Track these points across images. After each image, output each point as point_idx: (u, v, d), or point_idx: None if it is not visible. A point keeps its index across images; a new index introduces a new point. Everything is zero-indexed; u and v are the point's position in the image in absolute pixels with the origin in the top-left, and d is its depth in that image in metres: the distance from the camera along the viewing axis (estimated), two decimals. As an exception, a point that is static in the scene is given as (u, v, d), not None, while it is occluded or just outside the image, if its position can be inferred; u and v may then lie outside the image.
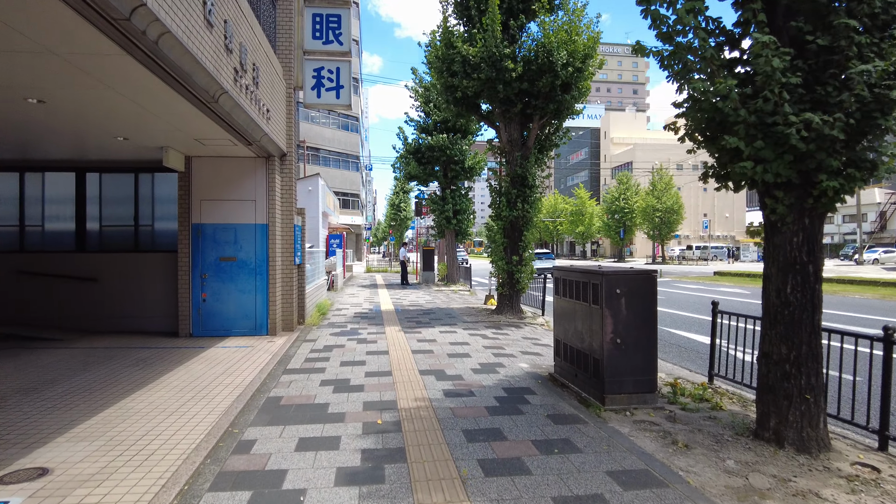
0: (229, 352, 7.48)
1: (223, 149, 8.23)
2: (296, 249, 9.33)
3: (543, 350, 7.98)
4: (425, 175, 20.36)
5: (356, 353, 7.43)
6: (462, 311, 12.47)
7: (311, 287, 11.54)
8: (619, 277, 4.94)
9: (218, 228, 8.78)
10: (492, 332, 9.43)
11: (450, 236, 20.92)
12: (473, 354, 7.38)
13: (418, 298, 15.83)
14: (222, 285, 8.76)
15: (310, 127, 46.20)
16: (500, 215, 11.13)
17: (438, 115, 19.63)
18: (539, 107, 10.76)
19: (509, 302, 11.43)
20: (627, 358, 4.96)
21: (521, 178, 11.08)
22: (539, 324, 10.81)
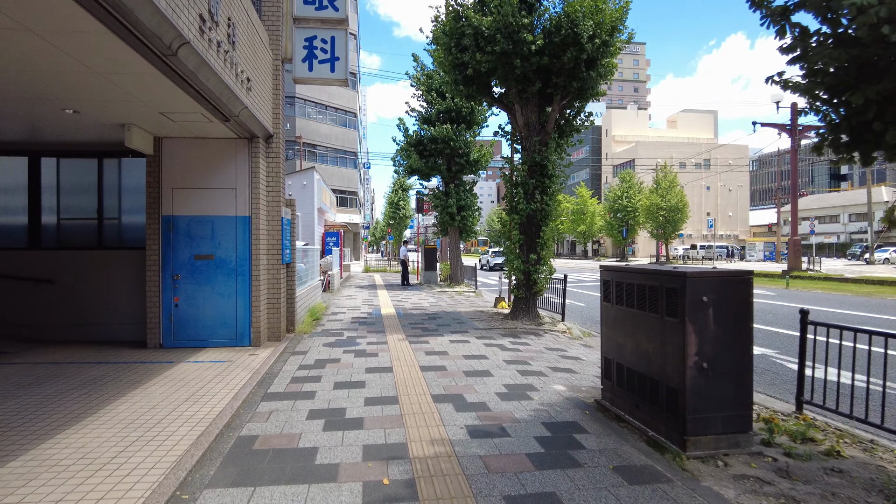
0: (202, 368, 6.22)
1: (197, 127, 6.97)
2: (284, 246, 8.08)
3: (575, 365, 6.74)
4: (427, 169, 19.10)
5: (353, 371, 6.17)
6: (471, 316, 11.22)
7: (304, 289, 10.29)
8: (707, 280, 3.71)
9: (192, 221, 7.52)
10: (510, 342, 8.19)
11: (453, 234, 19.68)
12: (495, 372, 6.13)
13: (421, 301, 14.58)
14: (197, 288, 7.50)
15: (306, 123, 44.95)
16: (516, 209, 9.89)
17: (442, 105, 18.38)
18: (560, 85, 9.52)
19: (525, 306, 10.19)
20: (716, 387, 3.73)
21: (539, 166, 9.84)
22: (560, 331, 9.58)
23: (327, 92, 46.89)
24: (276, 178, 8.02)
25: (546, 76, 9.57)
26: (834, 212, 66.22)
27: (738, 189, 75.51)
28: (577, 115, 10.57)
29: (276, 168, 8.03)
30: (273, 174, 8.00)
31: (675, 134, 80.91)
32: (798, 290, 18.44)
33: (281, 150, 8.18)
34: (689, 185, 64.51)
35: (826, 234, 63.38)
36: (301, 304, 9.57)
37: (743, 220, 76.24)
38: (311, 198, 19.40)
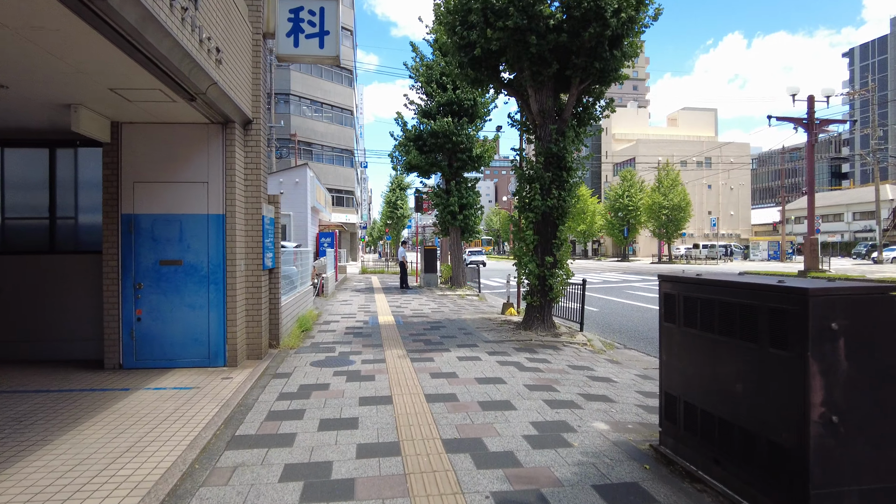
0: (162, 398, 5.12)
1: (161, 109, 5.88)
2: (265, 249, 6.98)
3: (609, 390, 5.67)
4: (427, 165, 18.02)
5: (345, 402, 5.08)
6: (478, 325, 10.14)
7: (292, 297, 9.20)
8: (838, 299, 2.63)
9: (158, 221, 6.41)
10: (527, 359, 7.12)
11: (455, 234, 18.60)
12: (517, 402, 5.05)
13: (422, 306, 13.49)
14: (164, 298, 6.40)
15: (302, 121, 43.88)
16: (531, 206, 8.80)
17: (442, 97, 17.30)
18: (580, 67, 8.44)
19: (540, 314, 9.11)
20: (850, 449, 2.65)
21: (556, 157, 8.76)
22: (579, 343, 8.51)
23: (322, 89, 45.82)
24: (255, 170, 6.92)
25: (564, 57, 8.49)
26: (838, 210, 65.39)
27: (739, 188, 74.64)
28: (596, 101, 9.49)
29: (255, 159, 6.93)
30: (252, 166, 6.91)
31: (675, 132, 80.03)
32: (820, 293, 17.38)
33: (262, 139, 7.08)
34: (690, 184, 63.57)
35: (830, 232, 62.49)
36: (287, 315, 8.47)
37: (745, 218, 75.36)
38: (303, 196, 18.31)
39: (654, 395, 5.60)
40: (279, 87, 41.87)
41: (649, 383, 6.22)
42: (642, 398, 5.47)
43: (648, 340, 9.58)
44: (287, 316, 8.42)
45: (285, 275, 9.21)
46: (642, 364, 7.65)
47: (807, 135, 21.04)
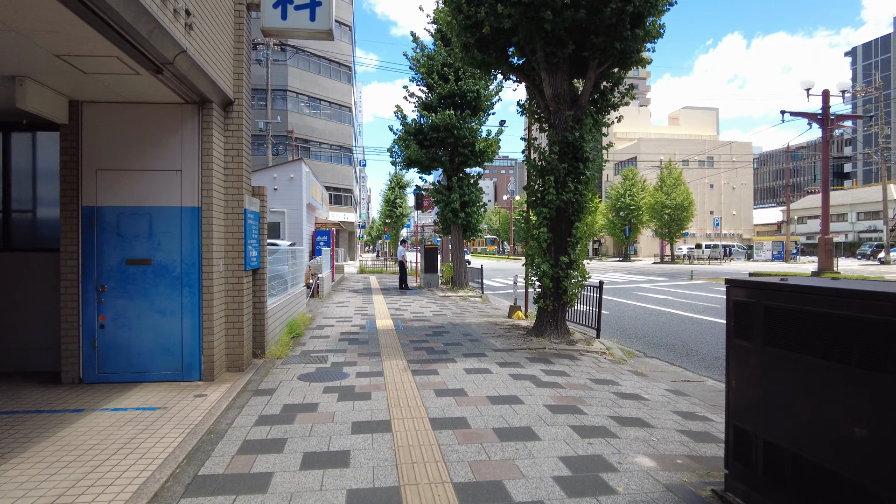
0: (118, 423, 4.32)
1: (125, 84, 5.08)
2: (247, 247, 6.18)
3: (643, 410, 4.89)
4: (428, 160, 17.22)
5: (334, 429, 4.27)
6: (485, 330, 9.35)
7: (281, 300, 8.40)
8: None
9: (124, 214, 5.61)
10: (543, 371, 6.33)
11: (456, 232, 17.80)
12: (541, 430, 4.25)
13: (423, 308, 12.70)
14: (130, 303, 5.59)
15: (300, 118, 43.10)
16: (544, 200, 8.01)
17: (444, 88, 16.50)
18: (599, 47, 7.65)
19: (553, 319, 8.31)
20: None
21: (572, 147, 7.97)
22: (597, 351, 7.72)
23: (321, 85, 45.03)
24: (237, 157, 6.12)
25: (581, 36, 7.70)
26: (841, 210, 64.69)
27: (741, 187, 73.92)
28: (614, 87, 8.70)
29: (237, 145, 6.13)
30: (233, 153, 6.10)
31: (677, 131, 79.36)
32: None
33: (245, 122, 6.27)
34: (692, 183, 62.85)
35: (834, 233, 61.73)
36: (275, 320, 7.66)
37: (747, 218, 74.66)
38: (298, 192, 17.50)
39: (695, 418, 4.82)
40: (277, 83, 41.05)
41: (684, 401, 5.44)
42: (682, 421, 4.69)
43: (669, 348, 8.81)
44: (275, 321, 7.62)
45: (275, 275, 8.41)
46: (668, 375, 6.87)
47: (821, 130, 20.28)
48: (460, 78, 16.57)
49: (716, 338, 9.64)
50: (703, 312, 12.92)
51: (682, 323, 11.44)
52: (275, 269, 8.43)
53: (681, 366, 7.62)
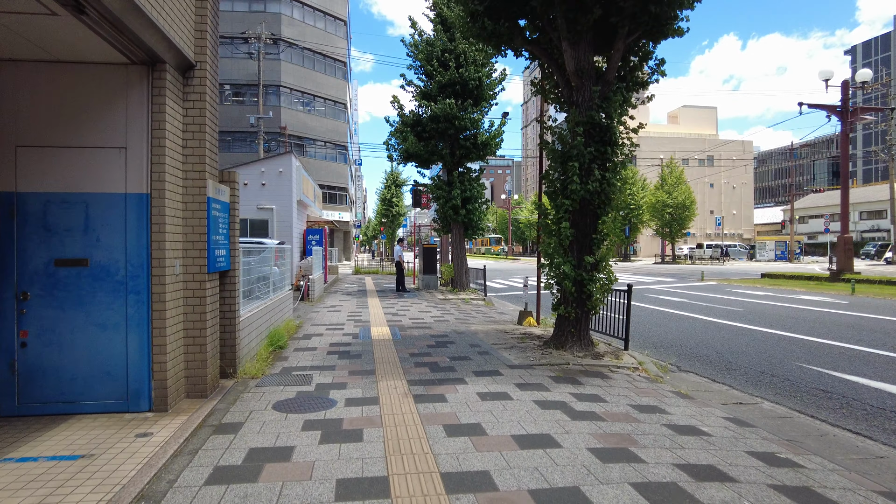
0: (17, 484, 3.18)
1: (44, 33, 3.93)
2: (212, 244, 5.02)
3: (711, 452, 3.77)
4: (427, 153, 16.08)
5: (312, 493, 3.13)
6: (494, 339, 8.23)
7: (261, 306, 7.25)
8: None
9: (52, 203, 4.46)
10: (573, 395, 5.22)
11: (457, 231, 16.66)
12: (593, 492, 3.11)
13: (422, 313, 11.57)
14: (61, 314, 4.44)
15: (293, 114, 41.90)
16: (566, 190, 6.89)
17: (444, 76, 15.36)
18: (629, 12, 6.53)
19: (575, 329, 7.19)
20: None
21: (599, 129, 6.86)
22: (628, 366, 6.61)
23: (315, 81, 43.84)
24: (199, 134, 4.97)
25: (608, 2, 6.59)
26: (843, 209, 63.82)
27: (742, 186, 73.08)
28: (643, 61, 7.59)
29: (199, 119, 4.98)
30: (194, 128, 4.96)
31: (676, 129, 78.44)
32: (874, 298, 15.60)
33: (210, 92, 5.12)
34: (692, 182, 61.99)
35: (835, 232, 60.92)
36: (251, 332, 6.51)
37: (747, 218, 73.84)
38: (288, 187, 16.34)
39: (780, 462, 3.72)
40: (270, 78, 39.87)
41: (752, 435, 4.34)
42: (767, 469, 3.58)
43: (704, 360, 7.72)
44: (251, 332, 6.47)
45: (256, 278, 7.28)
46: (716, 396, 5.78)
47: (840, 123, 19.27)
48: (461, 65, 15.46)
49: (752, 346, 8.55)
50: (728, 317, 11.84)
51: (709, 329, 10.35)
52: (256, 270, 7.30)
53: (724, 383, 6.54)
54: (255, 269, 7.35)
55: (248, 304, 6.62)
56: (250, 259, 7.18)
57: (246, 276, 6.61)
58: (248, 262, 6.89)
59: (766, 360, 7.61)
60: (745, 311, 12.77)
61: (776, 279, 22.28)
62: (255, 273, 7.34)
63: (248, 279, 6.72)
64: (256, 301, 7.08)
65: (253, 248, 7.69)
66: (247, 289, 6.66)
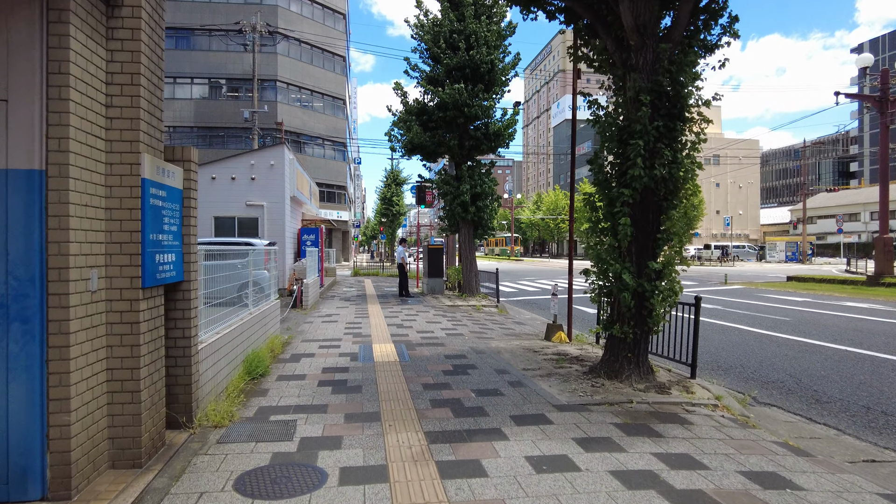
0: None
1: None
2: (149, 245, 3.49)
3: None
4: (433, 145, 14.58)
5: None
6: (524, 361, 6.73)
7: (236, 324, 5.73)
8: None
9: None
10: (656, 457, 3.72)
11: (466, 229, 15.14)
12: None
13: (431, 324, 10.07)
14: (-88, 352, 2.93)
15: (290, 109, 40.39)
16: (625, 178, 5.39)
17: (453, 59, 13.86)
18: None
19: (633, 353, 5.69)
20: None
21: (668, 98, 5.36)
22: (704, 402, 5.12)
23: (313, 76, 42.35)
24: (132, 88, 3.44)
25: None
26: (853, 209, 62.50)
27: (748, 186, 71.74)
28: (713, 18, 6.08)
29: (132, 67, 3.46)
30: (124, 79, 3.43)
31: (681, 128, 76.95)
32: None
33: (147, 31, 3.60)
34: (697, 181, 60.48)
35: (846, 233, 59.61)
36: (218, 361, 4.98)
37: (753, 218, 72.50)
38: (280, 182, 14.83)
39: None
40: (266, 72, 38.39)
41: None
42: None
43: (780, 387, 6.28)
44: (219, 361, 4.95)
45: (232, 287, 5.77)
46: (833, 447, 4.33)
47: (880, 115, 17.80)
48: (472, 46, 13.96)
49: (830, 369, 7.07)
50: (778, 328, 10.35)
51: (764, 344, 8.87)
52: (233, 277, 5.79)
53: (826, 424, 5.08)
54: (233, 276, 5.85)
55: (216, 323, 5.11)
56: (225, 264, 5.68)
57: (214, 288, 5.10)
58: (221, 269, 5.38)
59: (864, 390, 6.12)
60: (793, 321, 11.29)
61: (805, 283, 20.80)
62: (232, 281, 5.84)
63: (217, 291, 5.22)
64: (229, 319, 5.57)
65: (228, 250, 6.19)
66: (217, 303, 5.15)
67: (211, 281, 5.04)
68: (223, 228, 14.40)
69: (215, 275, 5.19)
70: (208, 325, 4.87)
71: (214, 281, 5.16)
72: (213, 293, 5.11)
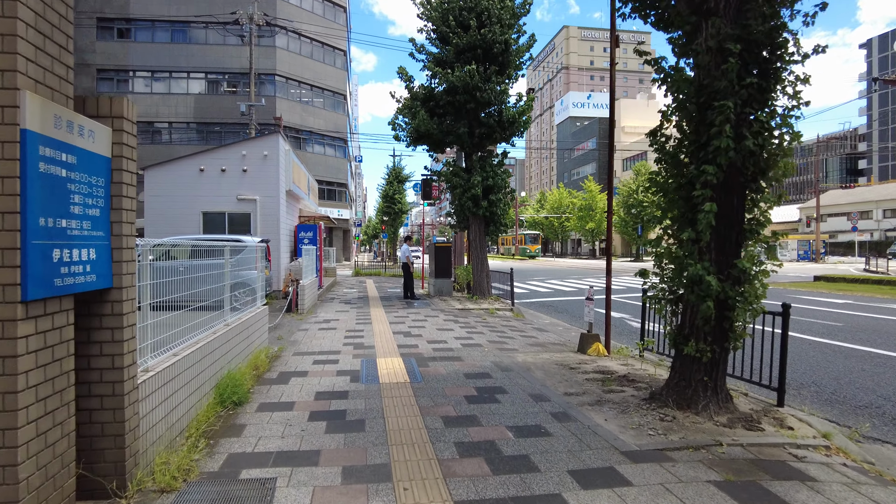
0: None
1: None
2: (34, 236, 2.28)
3: None
4: (441, 133, 13.34)
5: None
6: (561, 382, 5.51)
7: (202, 342, 4.51)
8: None
9: None
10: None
11: (477, 226, 13.90)
12: None
13: (443, 332, 8.85)
14: None
15: (289, 104, 39.19)
16: (704, 152, 4.16)
17: (463, 39, 12.62)
18: None
19: (710, 377, 4.46)
20: None
21: (759, 47, 4.13)
22: (810, 444, 3.91)
23: (313, 70, 41.14)
24: (7, -9, 2.23)
25: None
26: (866, 207, 61.10)
27: (756, 184, 70.21)
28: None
29: (10, -41, 2.24)
30: (-3, -22, 2.22)
31: (687, 125, 75.71)
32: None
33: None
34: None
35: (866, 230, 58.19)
36: (175, 394, 3.73)
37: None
38: (274, 174, 13.62)
39: None
40: (264, 66, 37.20)
41: None
42: None
43: (875, 413, 5.10)
44: (176, 395, 3.73)
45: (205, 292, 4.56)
46: None
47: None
48: (484, 24, 12.72)
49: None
50: (835, 335, 9.09)
51: (828, 356, 7.63)
52: (203, 280, 4.58)
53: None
54: (204, 278, 4.65)
55: (176, 340, 3.90)
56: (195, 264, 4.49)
57: (175, 295, 3.89)
58: (185, 270, 4.18)
59: None
60: (848, 327, 10.04)
61: (835, 283, 19.57)
62: (203, 285, 4.64)
63: (181, 298, 4.01)
64: (199, 332, 4.35)
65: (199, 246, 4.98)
66: (173, 316, 3.94)
67: (169, 286, 3.83)
68: (212, 225, 13.19)
69: (175, 278, 3.98)
70: (161, 344, 3.66)
71: (175, 286, 3.95)
72: (174, 301, 3.91)
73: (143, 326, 3.32)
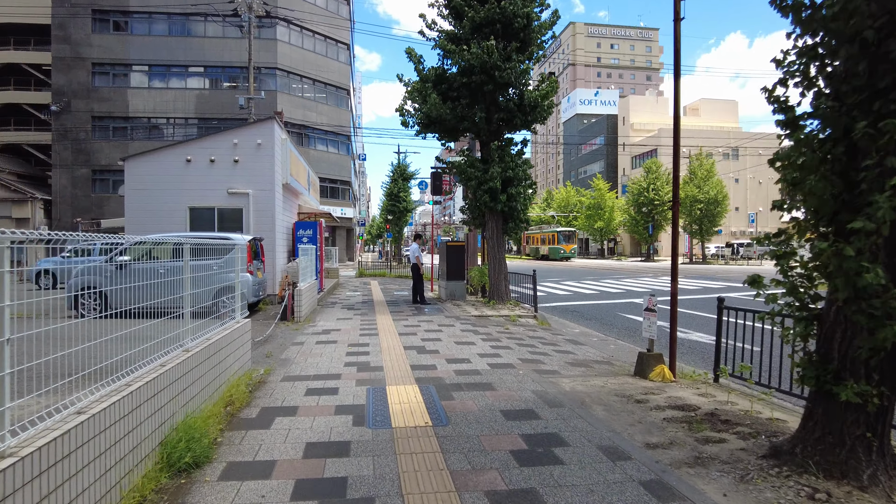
0: None
1: None
2: None
3: None
4: (455, 119, 11.93)
5: None
6: (634, 428, 4.13)
7: (144, 378, 3.15)
8: None
9: None
10: None
11: (494, 223, 12.50)
12: None
13: (463, 346, 7.47)
14: None
15: (290, 99, 37.88)
16: (882, 100, 2.77)
17: (479, 13, 11.23)
18: None
19: (873, 431, 3.07)
20: None
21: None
22: None
23: (315, 64, 39.82)
24: None
25: None
26: (884, 205, 59.35)
27: (768, 181, 68.60)
28: None
29: None
30: None
31: (698, 122, 74.33)
32: None
33: None
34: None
35: (875, 230, 56.47)
36: (66, 483, 2.38)
37: (774, 215, 69.33)
38: (269, 165, 12.26)
39: None
40: (265, 59, 35.88)
41: None
42: None
43: None
44: (61, 491, 2.37)
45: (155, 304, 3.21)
46: None
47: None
48: (503, -4, 11.32)
49: None
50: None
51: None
52: (146, 291, 3.23)
53: None
54: (147, 288, 3.31)
55: (89, 387, 2.54)
56: (140, 268, 3.14)
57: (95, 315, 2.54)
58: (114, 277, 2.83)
59: None
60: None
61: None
62: (148, 299, 3.29)
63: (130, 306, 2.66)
64: (134, 371, 3.00)
65: (139, 243, 3.62)
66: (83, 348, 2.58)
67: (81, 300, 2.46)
68: (200, 221, 11.84)
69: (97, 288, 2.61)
70: (53, 393, 2.30)
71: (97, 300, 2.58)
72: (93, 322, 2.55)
73: (2, 376, 1.96)
